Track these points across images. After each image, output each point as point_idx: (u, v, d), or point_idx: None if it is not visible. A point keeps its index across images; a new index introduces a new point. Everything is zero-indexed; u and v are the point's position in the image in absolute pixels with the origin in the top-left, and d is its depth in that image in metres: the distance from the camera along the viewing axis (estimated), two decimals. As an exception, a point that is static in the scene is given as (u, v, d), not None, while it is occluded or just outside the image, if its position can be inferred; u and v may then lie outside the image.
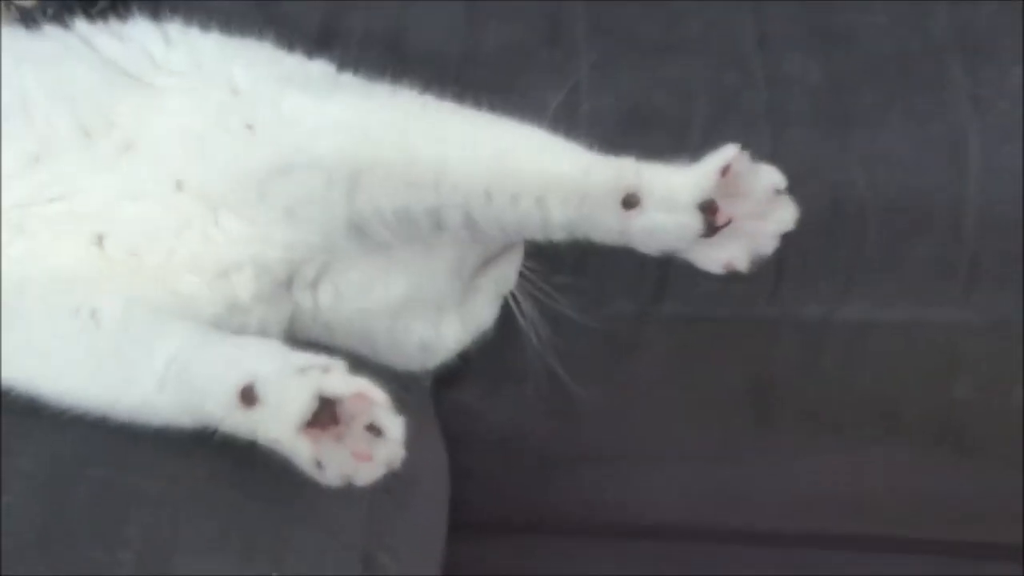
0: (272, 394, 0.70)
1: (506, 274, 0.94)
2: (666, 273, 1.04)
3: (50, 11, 1.15)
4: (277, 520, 0.74)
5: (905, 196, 1.06)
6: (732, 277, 1.00)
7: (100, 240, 0.83)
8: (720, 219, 0.73)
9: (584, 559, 1.22)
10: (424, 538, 0.92)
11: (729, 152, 0.73)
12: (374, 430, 0.68)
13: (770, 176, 0.75)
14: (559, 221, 0.77)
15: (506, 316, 0.96)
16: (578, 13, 1.34)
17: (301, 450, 0.68)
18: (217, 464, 0.77)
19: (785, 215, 0.76)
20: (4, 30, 0.92)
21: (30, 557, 0.70)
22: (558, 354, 1.04)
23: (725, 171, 0.73)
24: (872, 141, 1.11)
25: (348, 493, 0.76)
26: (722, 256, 0.76)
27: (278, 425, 0.69)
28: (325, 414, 0.68)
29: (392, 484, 0.80)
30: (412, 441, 0.83)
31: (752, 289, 1.04)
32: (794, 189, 1.05)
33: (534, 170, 0.77)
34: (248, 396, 0.70)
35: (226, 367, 0.73)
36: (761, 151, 1.06)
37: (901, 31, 1.24)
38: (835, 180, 1.08)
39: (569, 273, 1.01)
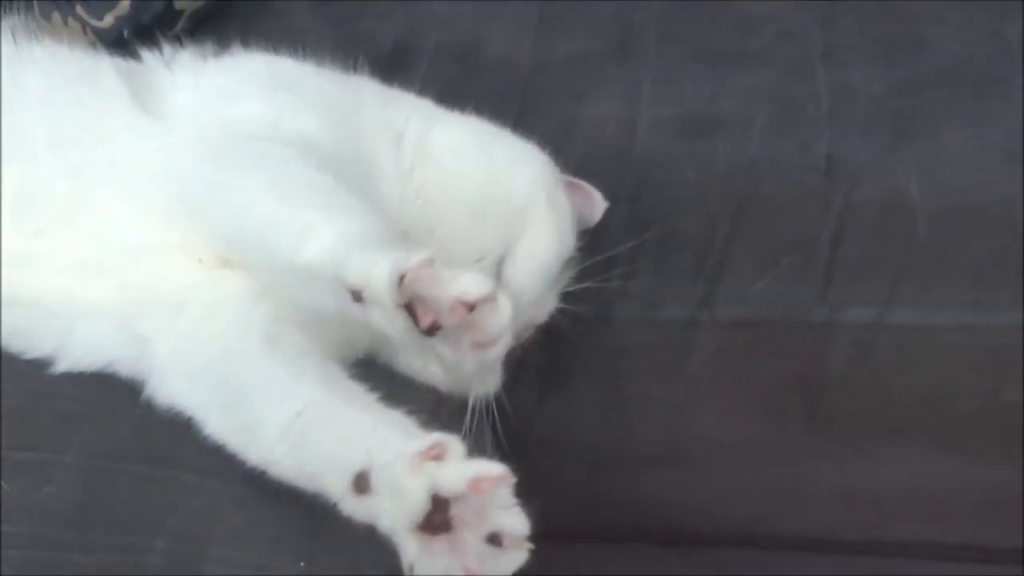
0: (385, 486, 0.67)
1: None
2: (717, 277, 1.05)
3: (126, 32, 1.23)
4: (307, 515, 0.76)
5: (959, 200, 1.06)
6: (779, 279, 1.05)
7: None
8: (423, 324, 0.67)
9: (632, 567, 1.23)
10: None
11: (406, 261, 0.67)
12: (495, 539, 0.63)
13: (456, 287, 0.67)
14: (332, 304, 0.74)
15: (551, 324, 0.98)
16: (649, 23, 1.37)
17: (407, 549, 0.65)
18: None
19: (492, 324, 0.67)
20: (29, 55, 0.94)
21: (64, 539, 0.75)
22: (611, 358, 1.08)
23: (402, 278, 0.67)
24: (930, 147, 1.11)
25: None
26: (452, 352, 0.69)
27: (394, 519, 0.66)
28: (439, 515, 0.63)
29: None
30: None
31: (802, 292, 1.04)
32: (847, 194, 1.09)
33: (289, 261, 0.75)
34: (361, 484, 0.69)
35: (343, 447, 0.71)
36: (816, 158, 1.12)
37: (969, 38, 1.25)
38: (887, 185, 1.08)
39: (620, 278, 1.04)
